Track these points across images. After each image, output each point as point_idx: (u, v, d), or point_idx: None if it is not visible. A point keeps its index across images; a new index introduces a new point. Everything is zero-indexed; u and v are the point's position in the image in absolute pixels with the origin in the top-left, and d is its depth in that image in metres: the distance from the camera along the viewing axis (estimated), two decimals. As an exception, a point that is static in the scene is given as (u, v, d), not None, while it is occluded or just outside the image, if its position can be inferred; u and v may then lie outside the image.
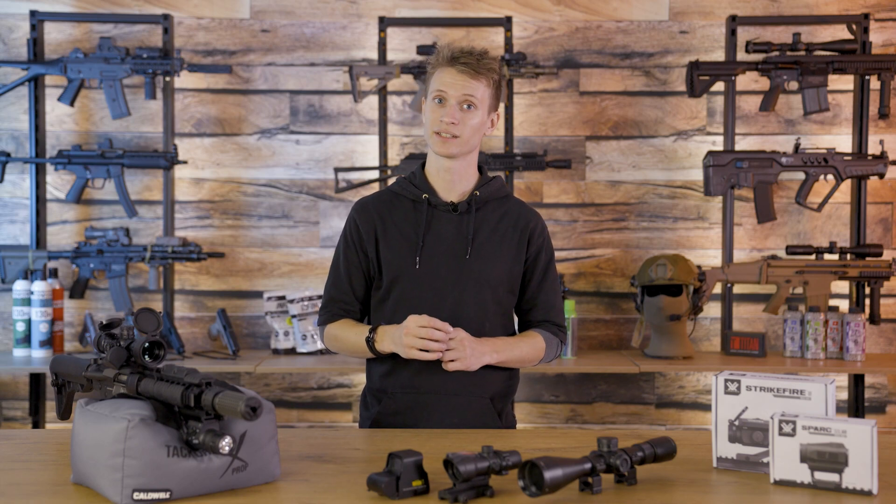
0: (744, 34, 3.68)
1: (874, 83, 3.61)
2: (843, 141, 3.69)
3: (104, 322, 1.62)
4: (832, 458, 1.51)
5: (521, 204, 2.22)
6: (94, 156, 3.56)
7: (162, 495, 1.44)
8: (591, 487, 1.50)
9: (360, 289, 2.17)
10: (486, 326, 2.12)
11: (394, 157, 3.70)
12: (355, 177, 3.69)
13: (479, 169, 2.19)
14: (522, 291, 2.19)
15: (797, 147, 3.53)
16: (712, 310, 3.73)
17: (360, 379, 3.66)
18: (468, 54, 2.07)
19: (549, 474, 1.40)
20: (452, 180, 2.14)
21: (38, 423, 3.58)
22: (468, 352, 2.02)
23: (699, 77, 3.53)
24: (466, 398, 2.11)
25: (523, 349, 2.14)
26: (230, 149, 3.73)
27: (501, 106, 3.66)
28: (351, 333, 2.13)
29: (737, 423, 1.66)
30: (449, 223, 2.13)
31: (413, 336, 1.99)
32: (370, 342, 2.07)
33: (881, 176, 3.51)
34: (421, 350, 1.99)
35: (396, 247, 2.12)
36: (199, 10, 3.71)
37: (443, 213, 2.13)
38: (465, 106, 2.07)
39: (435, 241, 2.11)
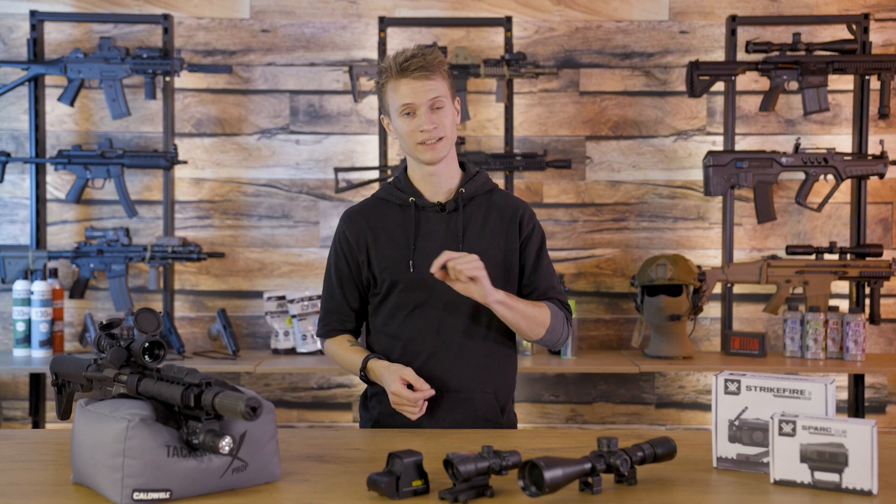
0: (744, 34, 3.68)
1: (874, 83, 3.61)
2: (843, 141, 3.69)
3: (104, 322, 1.62)
4: (832, 458, 1.51)
5: (507, 195, 2.22)
6: (94, 156, 3.56)
7: (162, 495, 1.44)
8: (591, 487, 1.50)
9: (353, 299, 2.18)
10: (482, 321, 2.12)
11: (394, 157, 3.70)
12: (355, 177, 3.69)
13: (462, 166, 2.19)
14: (520, 278, 2.18)
15: (797, 147, 3.53)
16: (712, 310, 3.73)
17: (360, 379, 3.66)
18: (414, 58, 2.05)
19: (549, 474, 1.40)
20: (437, 181, 2.14)
21: (38, 423, 3.58)
22: (482, 266, 1.98)
23: (699, 77, 3.53)
24: (468, 394, 2.11)
25: (530, 308, 2.09)
26: (230, 149, 3.73)
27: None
28: (346, 360, 2.16)
29: (737, 423, 1.66)
30: (438, 223, 2.13)
31: (398, 406, 2.03)
32: (365, 380, 2.12)
33: (881, 176, 3.51)
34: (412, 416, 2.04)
35: (389, 252, 2.12)
36: (199, 10, 3.71)
37: (431, 214, 2.13)
38: (435, 108, 2.07)
39: (426, 242, 2.11)
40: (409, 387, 2.03)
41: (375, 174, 3.64)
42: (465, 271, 1.95)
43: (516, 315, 2.06)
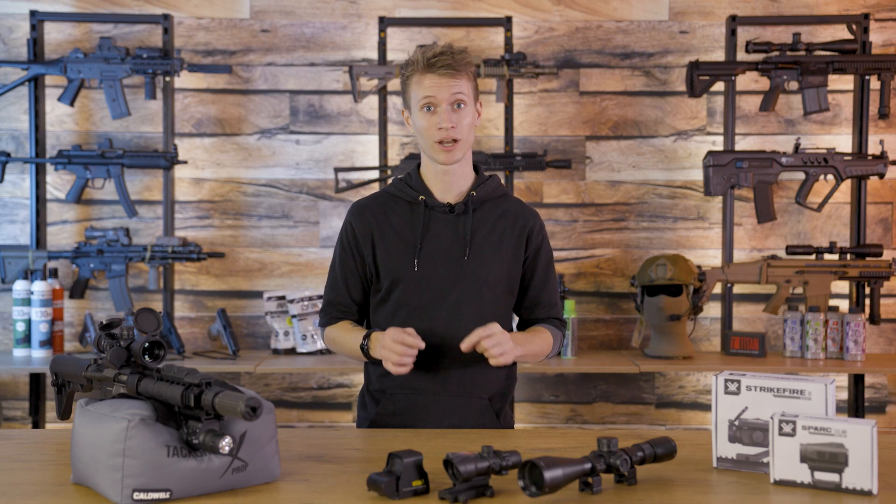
0: (744, 34, 3.68)
1: (874, 83, 3.61)
2: (843, 141, 3.69)
3: (104, 322, 1.61)
4: (832, 458, 1.51)
5: (519, 203, 2.21)
6: (94, 156, 3.56)
7: (162, 495, 1.44)
8: (591, 487, 1.50)
9: (356, 292, 2.17)
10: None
11: (394, 157, 3.70)
12: (355, 177, 3.69)
13: (475, 168, 2.19)
14: (524, 291, 2.19)
15: (797, 147, 3.53)
16: (712, 310, 3.73)
17: (360, 379, 3.66)
18: (442, 55, 2.05)
19: (549, 474, 1.40)
20: (450, 182, 2.13)
21: (38, 423, 3.58)
22: (510, 344, 2.00)
23: (699, 77, 3.53)
24: (465, 398, 2.11)
25: (537, 344, 2.14)
26: (230, 149, 3.73)
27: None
28: (348, 338, 2.12)
29: (737, 423, 1.66)
30: (446, 224, 2.12)
31: (387, 350, 1.98)
32: (364, 349, 2.07)
33: (881, 176, 3.51)
34: (396, 365, 1.97)
35: (394, 249, 2.11)
36: (199, 10, 3.71)
37: (440, 215, 2.13)
38: (456, 106, 2.06)
39: (433, 242, 2.11)
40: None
41: (375, 174, 3.64)
42: (493, 361, 1.99)
43: (526, 358, 2.13)
